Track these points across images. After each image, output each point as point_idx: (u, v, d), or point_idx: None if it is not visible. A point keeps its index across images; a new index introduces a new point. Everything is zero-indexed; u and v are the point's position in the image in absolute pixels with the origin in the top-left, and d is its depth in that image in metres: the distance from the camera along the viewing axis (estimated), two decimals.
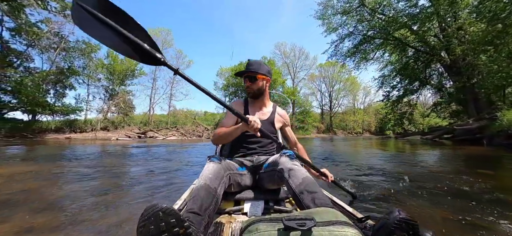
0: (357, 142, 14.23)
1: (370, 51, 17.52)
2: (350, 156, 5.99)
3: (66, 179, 3.11)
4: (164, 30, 25.10)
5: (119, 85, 21.56)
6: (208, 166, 1.13)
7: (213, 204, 0.94)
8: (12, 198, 2.18)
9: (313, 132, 36.26)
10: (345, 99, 46.39)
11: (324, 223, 0.64)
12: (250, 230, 0.65)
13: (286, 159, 1.15)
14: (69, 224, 1.60)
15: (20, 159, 5.12)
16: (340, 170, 3.80)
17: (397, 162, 4.78)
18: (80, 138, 16.63)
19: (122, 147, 8.64)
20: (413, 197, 2.23)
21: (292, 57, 38.24)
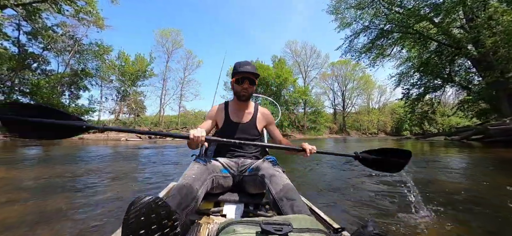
0: (373, 143, 13.33)
1: (387, 46, 16.52)
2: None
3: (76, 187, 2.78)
4: (174, 31, 25.24)
5: (130, 86, 21.79)
6: (192, 166, 1.14)
7: (192, 204, 0.94)
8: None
9: (326, 132, 35.17)
10: (359, 99, 44.81)
11: (300, 230, 0.65)
12: (227, 231, 0.65)
13: (268, 165, 1.18)
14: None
15: (36, 161, 4.94)
16: (358, 179, 3.20)
17: (431, 168, 4.10)
18: (92, 138, 16.87)
19: (130, 148, 8.44)
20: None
21: (303, 55, 37.38)
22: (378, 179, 3.09)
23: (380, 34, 15.05)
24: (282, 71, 25.86)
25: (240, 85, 1.39)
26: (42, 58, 19.58)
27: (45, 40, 17.40)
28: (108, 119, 20.51)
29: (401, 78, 19.52)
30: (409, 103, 15.85)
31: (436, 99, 15.80)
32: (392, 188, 2.60)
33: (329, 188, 2.77)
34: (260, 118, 1.52)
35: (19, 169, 3.79)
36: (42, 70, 19.67)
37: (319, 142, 16.79)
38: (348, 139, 24.06)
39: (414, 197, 1.93)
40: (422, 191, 2.41)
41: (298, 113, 34.10)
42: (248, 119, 1.47)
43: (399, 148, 1.41)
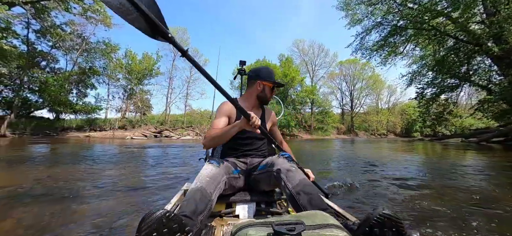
0: (382, 145, 12.74)
1: (400, 43, 15.87)
2: (379, 163, 4.87)
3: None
4: (181, 29, 25.18)
5: (137, 85, 21.81)
6: (206, 168, 1.13)
7: (207, 209, 0.92)
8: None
9: (333, 133, 34.46)
10: (367, 99, 43.77)
11: (314, 227, 0.65)
12: (240, 235, 0.64)
13: (283, 161, 1.17)
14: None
15: (44, 159, 4.75)
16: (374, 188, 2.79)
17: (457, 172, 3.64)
18: (98, 136, 16.96)
19: (134, 147, 8.23)
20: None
21: (310, 54, 36.74)
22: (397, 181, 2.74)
23: (392, 31, 14.42)
24: (289, 70, 25.38)
25: (271, 92, 1.46)
26: (51, 56, 19.82)
27: (54, 38, 17.53)
28: (114, 117, 20.56)
29: (413, 77, 18.82)
30: (424, 103, 15.13)
31: (452, 99, 15.04)
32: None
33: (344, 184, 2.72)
34: (268, 118, 1.55)
35: (24, 169, 3.67)
36: (51, 68, 19.92)
37: (326, 142, 16.31)
38: (356, 140, 23.36)
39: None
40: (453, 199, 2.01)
41: (305, 113, 33.53)
42: (258, 117, 1.41)
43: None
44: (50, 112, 18.66)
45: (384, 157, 6.12)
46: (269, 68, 1.49)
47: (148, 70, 22.29)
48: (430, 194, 2.39)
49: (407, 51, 17.24)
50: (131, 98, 21.19)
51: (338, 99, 42.98)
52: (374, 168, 4.12)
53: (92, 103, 20.17)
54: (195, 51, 26.50)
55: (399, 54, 16.79)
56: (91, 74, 19.98)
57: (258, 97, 1.45)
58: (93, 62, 20.20)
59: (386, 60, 16.94)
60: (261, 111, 1.52)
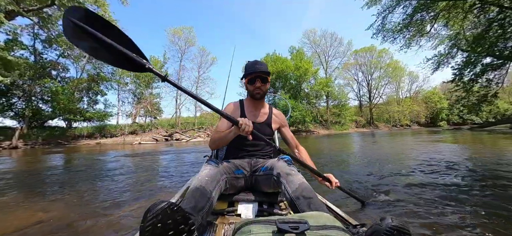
0: (411, 138, 11.10)
1: (427, 21, 14.03)
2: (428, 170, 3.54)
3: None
4: (186, 29, 24.42)
5: (145, 88, 21.41)
6: (205, 168, 1.15)
7: (207, 206, 0.93)
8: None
9: (351, 126, 32.43)
10: (386, 88, 40.98)
11: (317, 227, 0.63)
12: (243, 231, 0.64)
13: (283, 164, 1.17)
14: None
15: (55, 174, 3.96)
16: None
17: None
18: (109, 143, 16.63)
19: (137, 154, 7.41)
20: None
21: (323, 45, 34.77)
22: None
23: (420, 6, 12.61)
24: (301, 63, 23.85)
25: (252, 85, 1.40)
26: (62, 65, 19.86)
27: (61, 46, 17.42)
28: (125, 122, 20.26)
29: (441, 60, 16.91)
30: (462, 86, 13.24)
31: (495, 79, 12.99)
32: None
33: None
34: (275, 119, 1.52)
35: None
36: (61, 77, 19.97)
37: (344, 138, 14.88)
38: (377, 133, 21.42)
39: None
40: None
41: (320, 107, 31.79)
42: (263, 118, 1.47)
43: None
44: (64, 121, 18.68)
45: (429, 152, 4.73)
46: (252, 61, 1.41)
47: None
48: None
49: (435, 30, 15.46)
50: (140, 103, 20.80)
51: (354, 91, 40.67)
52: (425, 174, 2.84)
53: (103, 110, 19.99)
54: (202, 50, 25.78)
55: (426, 34, 15.01)
56: (100, 80, 19.79)
57: (250, 96, 1.43)
58: (101, 68, 19.99)
59: (411, 42, 15.25)
60: (268, 112, 1.50)
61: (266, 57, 26.44)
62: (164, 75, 1.01)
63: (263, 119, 1.46)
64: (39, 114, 16.79)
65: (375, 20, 13.70)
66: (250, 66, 1.39)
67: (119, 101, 21.83)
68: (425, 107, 41.59)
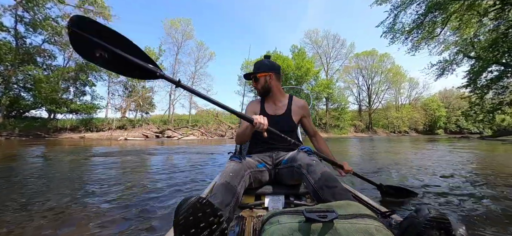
0: (404, 146, 10.26)
1: (439, 23, 13.28)
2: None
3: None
4: (184, 20, 23.27)
5: (138, 81, 20.18)
6: (229, 165, 1.15)
7: (233, 201, 0.94)
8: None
9: (350, 131, 31.69)
10: (386, 93, 40.43)
11: (346, 216, 0.62)
12: (272, 222, 0.64)
13: (303, 155, 1.16)
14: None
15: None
16: None
17: None
18: (95, 137, 15.44)
19: (112, 154, 6.32)
20: None
21: (324, 46, 33.99)
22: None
23: (433, 5, 11.81)
24: (303, 62, 22.91)
25: (255, 83, 1.47)
26: (48, 52, 18.54)
27: (46, 31, 16.15)
28: (113, 116, 19.00)
29: (446, 66, 16.31)
30: (477, 92, 12.51)
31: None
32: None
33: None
34: (295, 110, 1.49)
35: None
36: (47, 65, 18.63)
37: (343, 142, 14.04)
38: (375, 138, 20.59)
39: None
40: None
41: (319, 109, 30.95)
42: (283, 111, 1.47)
43: (408, 188, 1.89)
44: (47, 112, 17.32)
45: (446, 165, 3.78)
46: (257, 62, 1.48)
47: None
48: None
49: (444, 34, 14.82)
50: (131, 96, 19.57)
51: (354, 95, 40.00)
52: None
53: (90, 102, 18.69)
54: (200, 45, 24.64)
55: (435, 37, 14.32)
56: (88, 70, 18.51)
57: (260, 93, 1.49)
58: None
59: (419, 45, 14.57)
60: (288, 103, 1.50)
61: (266, 53, 25.44)
62: (177, 81, 1.03)
63: (281, 112, 1.47)
64: (18, 103, 15.43)
65: (387, 17, 12.81)
66: (253, 68, 1.48)
67: (109, 93, 20.56)
68: (423, 115, 41.19)
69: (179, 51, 23.66)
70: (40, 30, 16.26)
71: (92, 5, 18.50)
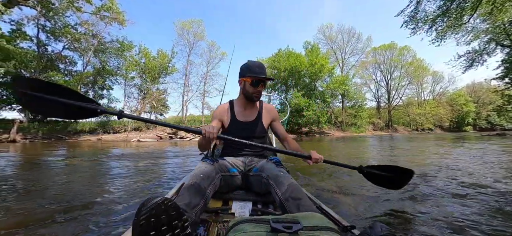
0: (437, 143, 9.25)
1: (468, 8, 12.05)
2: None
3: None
4: (195, 22, 23.40)
5: (152, 83, 20.56)
6: (200, 166, 1.14)
7: (201, 203, 0.93)
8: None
9: (368, 129, 30.22)
10: (407, 89, 38.16)
11: (311, 228, 0.64)
12: (237, 229, 0.64)
13: (272, 166, 1.17)
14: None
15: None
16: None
17: None
18: (110, 139, 15.89)
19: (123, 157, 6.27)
20: None
21: (339, 41, 32.73)
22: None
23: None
24: (316, 58, 22.09)
25: (254, 88, 1.37)
26: (69, 58, 19.42)
27: (66, 38, 16.88)
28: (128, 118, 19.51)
29: (475, 57, 14.95)
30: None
31: None
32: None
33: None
34: (266, 115, 1.50)
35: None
36: (68, 70, 19.52)
37: (360, 141, 13.23)
38: (396, 137, 19.28)
39: None
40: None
41: (335, 107, 29.82)
42: (254, 117, 1.46)
43: (401, 166, 1.51)
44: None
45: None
46: (255, 62, 1.39)
47: (163, 68, 20.91)
48: None
49: (474, 21, 13.52)
50: (146, 98, 19.98)
51: (372, 91, 38.18)
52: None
53: (107, 105, 19.31)
54: (211, 45, 24.66)
55: (463, 25, 13.07)
56: (106, 74, 19.14)
57: (244, 96, 1.42)
58: (107, 61, 19.34)
59: (444, 35, 13.39)
60: (258, 108, 1.49)
61: (278, 52, 24.88)
62: (119, 112, 1.05)
63: (253, 118, 1.46)
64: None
65: (408, 4, 11.81)
66: (255, 68, 1.36)
67: (125, 96, 21.15)
68: (449, 110, 38.36)
69: (191, 52, 23.86)
70: (60, 38, 16.99)
71: (108, 11, 19.10)
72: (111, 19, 19.26)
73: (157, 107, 20.16)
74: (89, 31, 18.76)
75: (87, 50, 18.96)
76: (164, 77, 21.42)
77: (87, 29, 18.67)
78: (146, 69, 19.80)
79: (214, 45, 24.61)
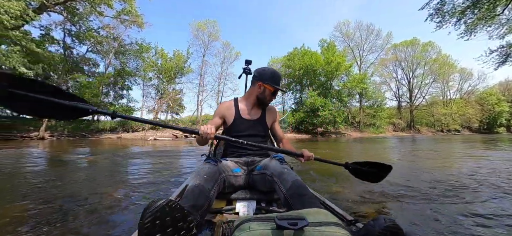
0: (468, 146, 8.43)
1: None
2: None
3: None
4: (210, 22, 23.69)
5: (169, 83, 21.11)
6: (203, 167, 1.14)
7: (206, 204, 0.93)
8: None
9: (388, 129, 28.84)
10: (431, 87, 35.89)
11: (316, 224, 0.64)
12: (242, 228, 0.64)
13: (276, 163, 1.18)
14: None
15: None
16: None
17: None
18: (129, 137, 16.50)
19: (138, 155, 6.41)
20: None
21: (357, 38, 31.55)
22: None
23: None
24: (333, 56, 21.41)
25: (272, 96, 1.44)
26: (92, 61, 20.51)
27: (89, 41, 17.81)
28: (146, 117, 20.19)
29: (510, 51, 13.66)
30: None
31: None
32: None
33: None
34: (269, 116, 1.53)
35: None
36: (91, 72, 20.61)
37: (379, 142, 12.55)
38: (419, 138, 18.07)
39: None
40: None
41: (352, 107, 28.78)
42: (257, 116, 1.49)
43: (381, 162, 1.62)
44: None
45: None
46: (276, 71, 1.44)
47: (179, 68, 21.38)
48: None
49: (510, 11, 12.33)
50: (162, 98, 20.54)
51: (392, 90, 36.39)
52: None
53: (126, 104, 20.15)
54: (225, 45, 24.84)
55: (496, 17, 11.96)
56: (125, 75, 19.95)
57: (258, 98, 1.46)
58: (126, 63, 20.15)
59: (474, 28, 12.37)
60: (261, 110, 1.51)
61: (293, 51, 24.46)
62: (112, 113, 1.05)
63: (257, 117, 1.48)
64: None
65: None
66: (277, 79, 1.42)
67: (143, 96, 21.91)
68: (479, 110, 35.56)
69: (205, 52, 24.19)
70: (84, 41, 17.95)
71: (127, 14, 19.87)
72: (131, 22, 20.00)
73: (173, 106, 20.65)
74: (110, 34, 19.68)
75: (108, 52, 19.91)
76: (180, 77, 21.91)
77: (108, 32, 19.61)
78: (162, 70, 20.35)
79: (228, 45, 24.81)
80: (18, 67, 10.56)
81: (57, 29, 17.50)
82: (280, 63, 26.14)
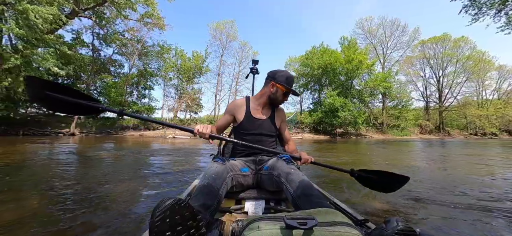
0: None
1: None
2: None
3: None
4: (228, 22, 23.91)
5: (188, 83, 21.65)
6: (211, 166, 1.15)
7: (215, 203, 0.94)
8: None
9: (414, 132, 27.05)
10: (464, 87, 33.05)
11: (326, 223, 0.63)
12: (252, 228, 0.64)
13: (282, 163, 1.18)
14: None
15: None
16: None
17: None
18: (150, 135, 17.21)
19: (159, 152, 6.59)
20: None
21: (380, 35, 29.98)
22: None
23: None
24: (354, 54, 20.51)
25: (284, 97, 1.46)
26: (118, 62, 21.70)
27: (115, 43, 18.83)
28: (167, 116, 20.89)
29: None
30: None
31: None
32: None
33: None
34: (278, 116, 1.56)
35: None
36: (117, 73, 21.82)
37: (404, 145, 11.74)
38: (449, 142, 16.62)
39: None
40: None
41: (374, 107, 27.43)
42: (267, 116, 1.51)
43: (397, 173, 1.44)
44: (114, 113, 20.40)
45: None
46: (290, 74, 1.47)
47: (198, 68, 21.83)
48: None
49: None
50: (182, 97, 21.13)
51: (419, 90, 34.11)
52: None
53: (147, 103, 21.01)
54: (243, 45, 24.92)
55: None
56: (148, 76, 20.82)
57: (270, 98, 1.47)
58: (148, 64, 21.00)
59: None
60: (271, 110, 1.53)
61: (312, 49, 23.87)
62: (119, 111, 1.17)
63: (267, 116, 1.50)
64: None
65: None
66: (291, 81, 1.44)
67: (164, 95, 22.72)
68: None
69: (223, 52, 24.47)
70: (110, 43, 19.03)
71: (150, 17, 20.71)
72: (153, 25, 20.84)
73: (192, 106, 21.15)
74: (134, 37, 20.65)
75: (132, 54, 20.91)
76: (198, 77, 22.38)
77: (133, 35, 20.59)
78: (181, 70, 20.90)
79: (246, 45, 24.86)
80: (52, 67, 11.41)
81: (87, 32, 18.78)
82: (298, 63, 25.64)
